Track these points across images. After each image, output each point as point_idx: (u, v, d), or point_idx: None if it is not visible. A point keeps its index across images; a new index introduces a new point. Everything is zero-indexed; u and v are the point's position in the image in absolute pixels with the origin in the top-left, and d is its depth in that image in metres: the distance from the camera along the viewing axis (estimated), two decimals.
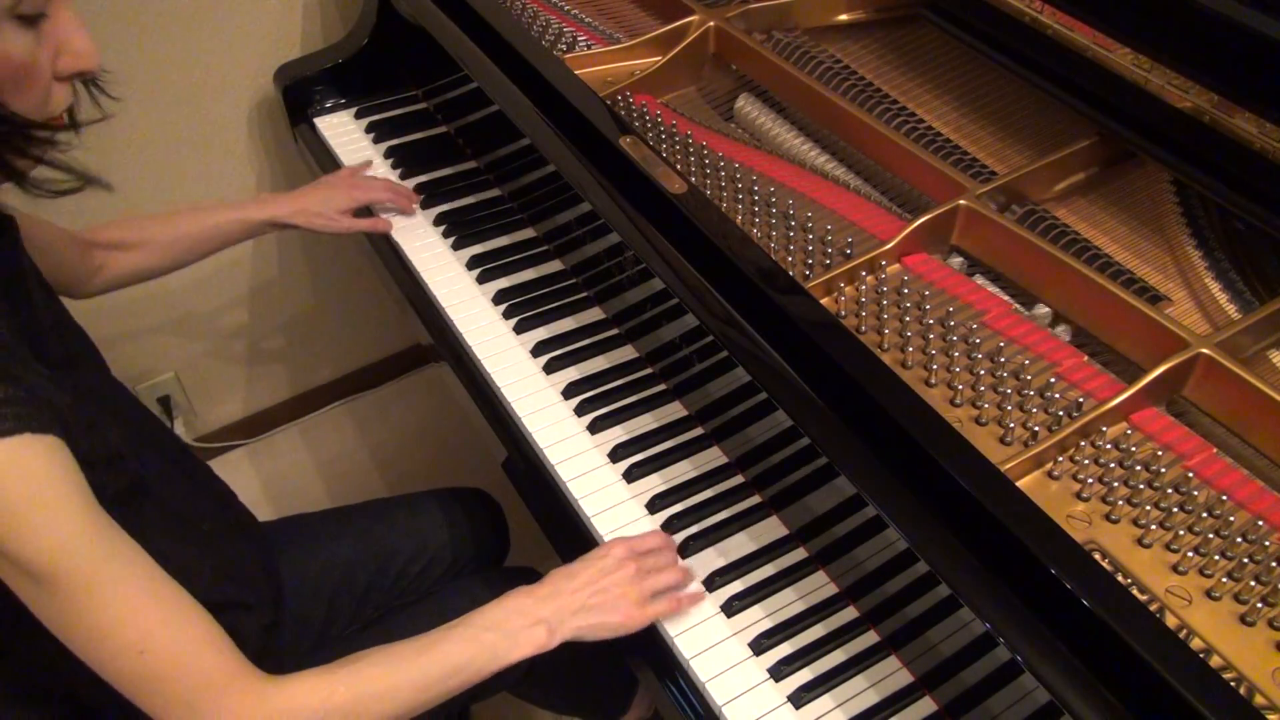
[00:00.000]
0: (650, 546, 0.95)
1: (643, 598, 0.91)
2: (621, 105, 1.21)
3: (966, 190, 1.03)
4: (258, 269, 1.88)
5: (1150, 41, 0.99)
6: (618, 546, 0.94)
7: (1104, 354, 0.95)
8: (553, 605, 0.89)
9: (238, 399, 2.05)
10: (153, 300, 1.76)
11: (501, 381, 1.15)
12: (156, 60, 1.53)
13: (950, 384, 0.92)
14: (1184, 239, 1.02)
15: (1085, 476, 0.85)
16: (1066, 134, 1.11)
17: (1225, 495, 0.82)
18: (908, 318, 0.97)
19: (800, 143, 1.20)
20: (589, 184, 1.07)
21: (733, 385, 1.05)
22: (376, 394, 2.20)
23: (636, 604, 0.91)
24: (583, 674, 1.35)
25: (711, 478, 1.05)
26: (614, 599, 0.90)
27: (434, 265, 1.30)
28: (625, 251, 1.13)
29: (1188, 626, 0.77)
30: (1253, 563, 0.79)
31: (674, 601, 0.93)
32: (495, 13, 1.22)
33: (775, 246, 1.04)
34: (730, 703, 0.89)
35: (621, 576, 0.91)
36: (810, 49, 1.25)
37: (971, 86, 1.20)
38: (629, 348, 1.19)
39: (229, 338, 1.94)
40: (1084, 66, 1.06)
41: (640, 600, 0.91)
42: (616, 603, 0.90)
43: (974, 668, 0.85)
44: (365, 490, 2.03)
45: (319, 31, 1.68)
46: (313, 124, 1.53)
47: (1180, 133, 0.99)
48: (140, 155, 1.60)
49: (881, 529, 0.91)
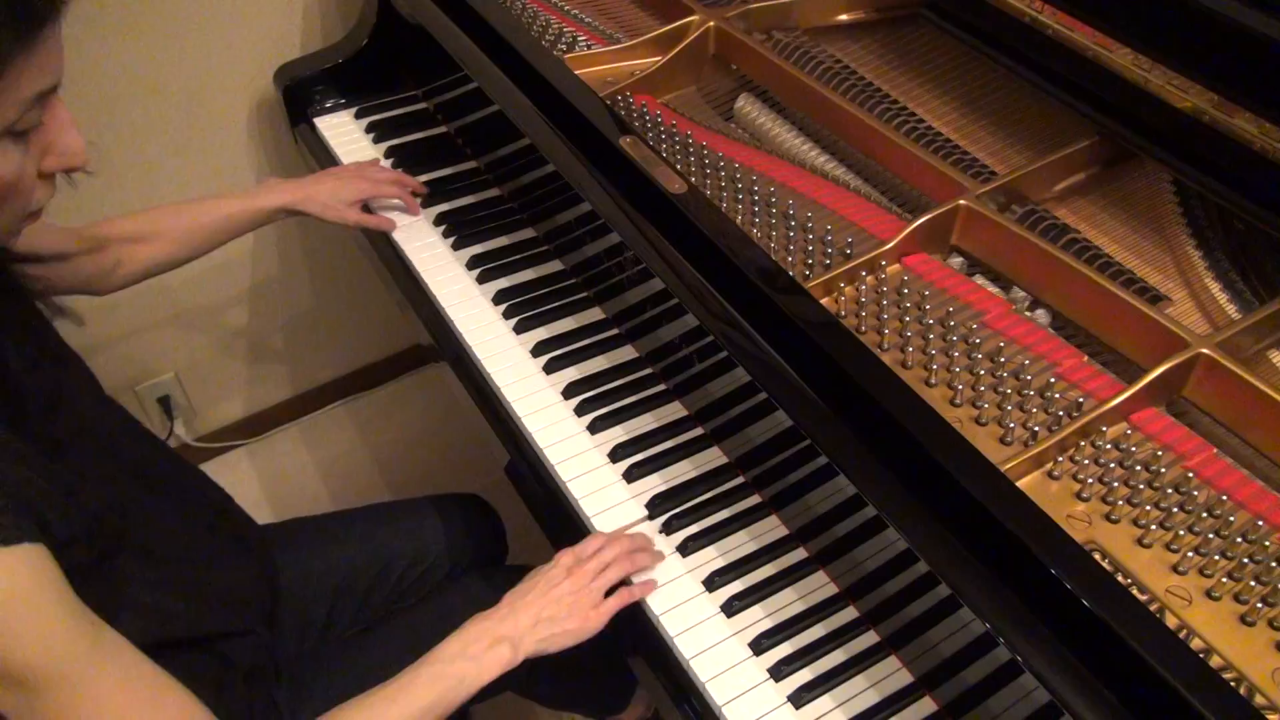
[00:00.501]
0: (595, 548, 0.97)
1: (595, 600, 0.94)
2: (621, 105, 1.21)
3: (966, 190, 1.03)
4: (258, 268, 1.88)
5: (1150, 41, 0.99)
6: (564, 556, 0.97)
7: (1104, 354, 0.95)
8: (510, 624, 0.92)
9: (238, 399, 2.05)
10: (153, 300, 1.76)
11: (501, 381, 1.15)
12: (156, 60, 1.53)
13: (950, 384, 0.92)
14: (1184, 239, 1.02)
15: (1085, 476, 0.85)
16: (1066, 134, 1.11)
17: (1225, 495, 0.82)
18: (908, 318, 0.97)
19: (800, 143, 1.20)
20: (589, 184, 1.07)
21: (733, 385, 1.05)
22: (377, 394, 2.20)
23: (591, 607, 0.94)
24: (583, 671, 1.36)
25: (711, 478, 1.05)
26: (567, 608, 0.93)
27: (434, 265, 1.30)
28: (625, 251, 1.13)
29: (1188, 626, 0.77)
30: (1253, 563, 0.79)
31: (626, 596, 0.95)
32: (495, 12, 1.22)
33: (775, 246, 1.04)
34: (730, 703, 0.89)
35: (571, 585, 0.94)
36: (810, 49, 1.25)
37: (971, 86, 1.20)
38: (629, 348, 1.19)
39: (229, 337, 1.94)
40: (1084, 66, 1.06)
41: (594, 603, 0.94)
42: (570, 611, 0.93)
43: (974, 668, 0.85)
44: (365, 490, 2.03)
45: (319, 31, 1.68)
46: (313, 124, 1.53)
47: (1180, 133, 0.99)
48: (140, 155, 1.60)
49: (881, 529, 0.91)
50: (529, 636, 0.92)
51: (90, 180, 0.81)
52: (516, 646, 0.91)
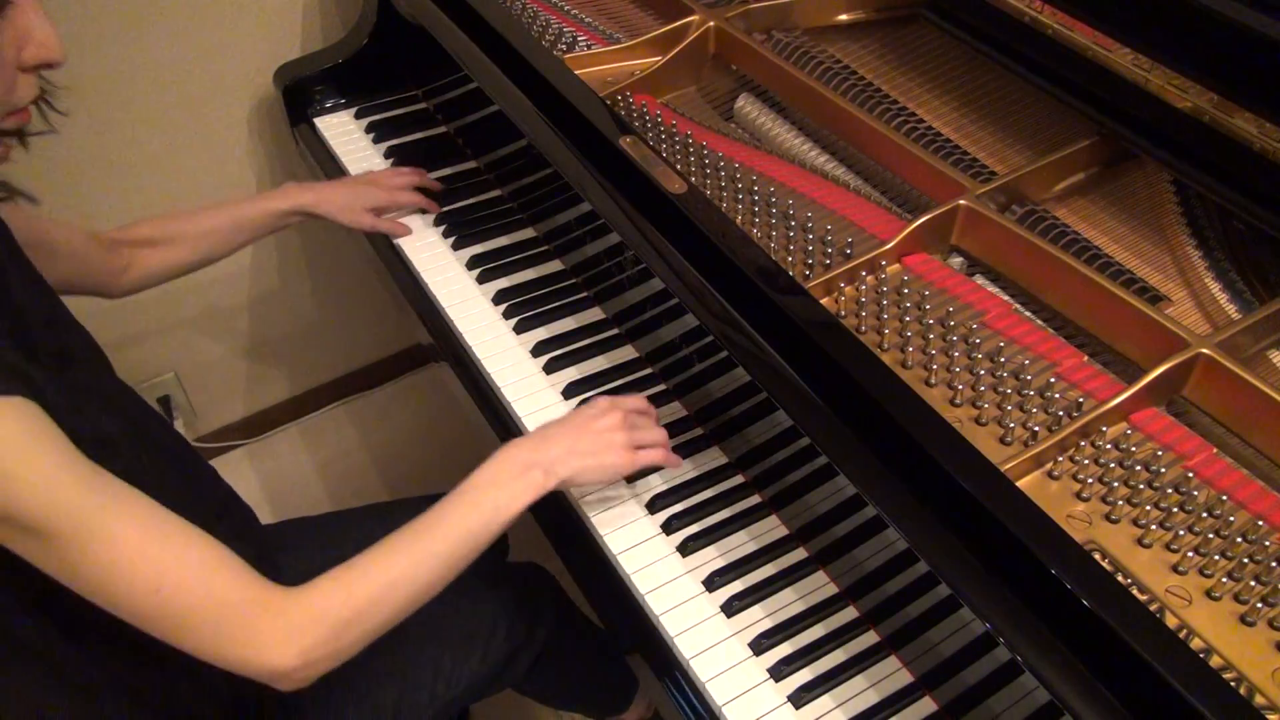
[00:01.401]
0: (635, 406, 0.99)
1: (628, 442, 0.94)
2: (621, 105, 1.21)
3: (966, 190, 1.03)
4: (258, 269, 1.88)
5: (1150, 41, 0.99)
6: (603, 400, 0.98)
7: (1104, 354, 0.95)
8: (544, 451, 0.92)
9: (238, 399, 2.05)
10: (153, 300, 1.75)
11: (501, 381, 1.15)
12: (157, 60, 1.53)
13: (950, 384, 0.92)
14: (1184, 239, 1.02)
15: (1085, 476, 0.85)
16: (1066, 134, 1.11)
17: (1225, 495, 0.82)
18: (908, 318, 0.97)
19: (800, 143, 1.20)
20: (589, 184, 1.07)
21: (733, 385, 1.05)
22: (376, 394, 2.20)
23: (625, 447, 0.94)
24: (584, 670, 1.36)
25: (711, 478, 1.05)
26: (605, 443, 0.93)
27: (434, 265, 1.30)
28: (625, 251, 1.13)
29: (1188, 626, 0.77)
30: (1253, 563, 0.79)
31: (661, 452, 0.97)
32: (495, 13, 1.22)
33: (775, 246, 1.04)
34: (730, 703, 0.89)
35: (609, 422, 0.95)
36: (810, 49, 1.25)
37: (971, 86, 1.20)
38: (629, 348, 1.19)
39: (229, 338, 1.94)
40: (1084, 66, 1.06)
41: (628, 445, 0.94)
42: (608, 445, 0.93)
43: (974, 668, 0.85)
44: (365, 491, 2.03)
45: (319, 31, 1.68)
46: (313, 124, 1.53)
47: (1180, 133, 0.99)
48: (140, 155, 1.60)
49: (881, 529, 0.91)
50: (563, 463, 0.91)
51: (91, 179, 0.82)
52: (549, 472, 0.90)
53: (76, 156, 1.52)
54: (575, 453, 0.92)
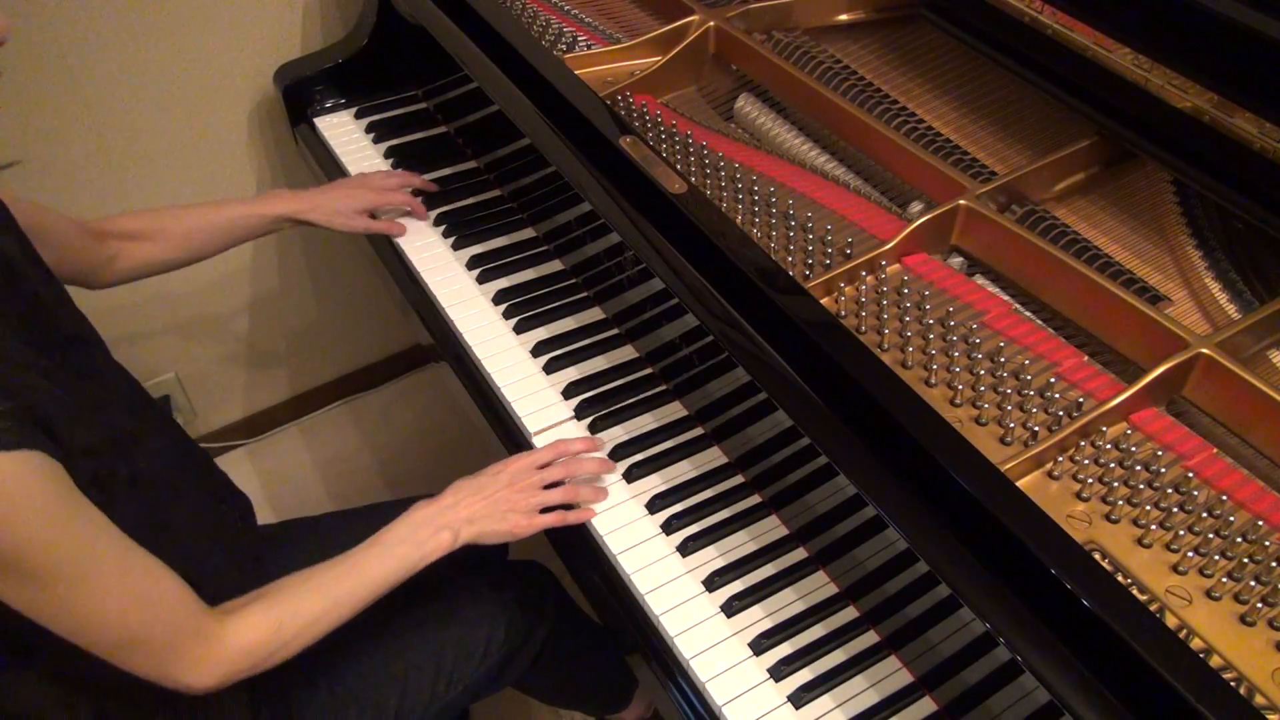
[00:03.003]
0: (545, 460, 1.04)
1: (532, 510, 1.01)
2: (621, 105, 1.21)
3: (966, 190, 1.03)
4: (258, 270, 1.88)
5: (1150, 41, 0.99)
6: (516, 462, 1.04)
7: (1104, 354, 0.95)
8: (452, 514, 1.00)
9: (238, 399, 2.05)
10: (153, 300, 1.76)
11: (501, 381, 1.15)
12: (156, 60, 1.53)
13: (950, 384, 0.92)
14: (1184, 239, 1.02)
15: (1085, 476, 0.85)
16: (1066, 134, 1.11)
17: (1225, 495, 0.82)
18: (908, 318, 0.97)
19: (800, 143, 1.20)
20: (589, 184, 1.07)
21: (733, 385, 1.05)
22: (377, 394, 2.20)
23: (525, 514, 1.01)
24: (584, 669, 1.36)
25: (711, 478, 1.05)
26: (504, 511, 1.01)
27: (434, 265, 1.30)
28: (625, 251, 1.13)
29: (1188, 626, 0.77)
30: (1253, 563, 0.79)
31: (559, 517, 1.02)
32: (495, 13, 1.22)
33: (775, 246, 1.04)
34: (730, 703, 0.89)
35: (513, 491, 1.02)
36: (810, 49, 1.25)
37: (971, 86, 1.20)
38: (629, 348, 1.19)
39: (229, 337, 1.94)
40: (1084, 66, 1.06)
41: (529, 511, 1.01)
42: (506, 514, 1.01)
43: (974, 668, 0.85)
44: (365, 490, 2.03)
45: (319, 31, 1.68)
46: (313, 124, 1.53)
47: (1180, 133, 0.99)
48: (140, 155, 1.60)
49: (881, 529, 0.91)
50: (466, 528, 0.99)
51: (90, 179, 0.82)
52: (457, 535, 0.99)
53: (76, 156, 1.52)
54: (480, 518, 1.00)
